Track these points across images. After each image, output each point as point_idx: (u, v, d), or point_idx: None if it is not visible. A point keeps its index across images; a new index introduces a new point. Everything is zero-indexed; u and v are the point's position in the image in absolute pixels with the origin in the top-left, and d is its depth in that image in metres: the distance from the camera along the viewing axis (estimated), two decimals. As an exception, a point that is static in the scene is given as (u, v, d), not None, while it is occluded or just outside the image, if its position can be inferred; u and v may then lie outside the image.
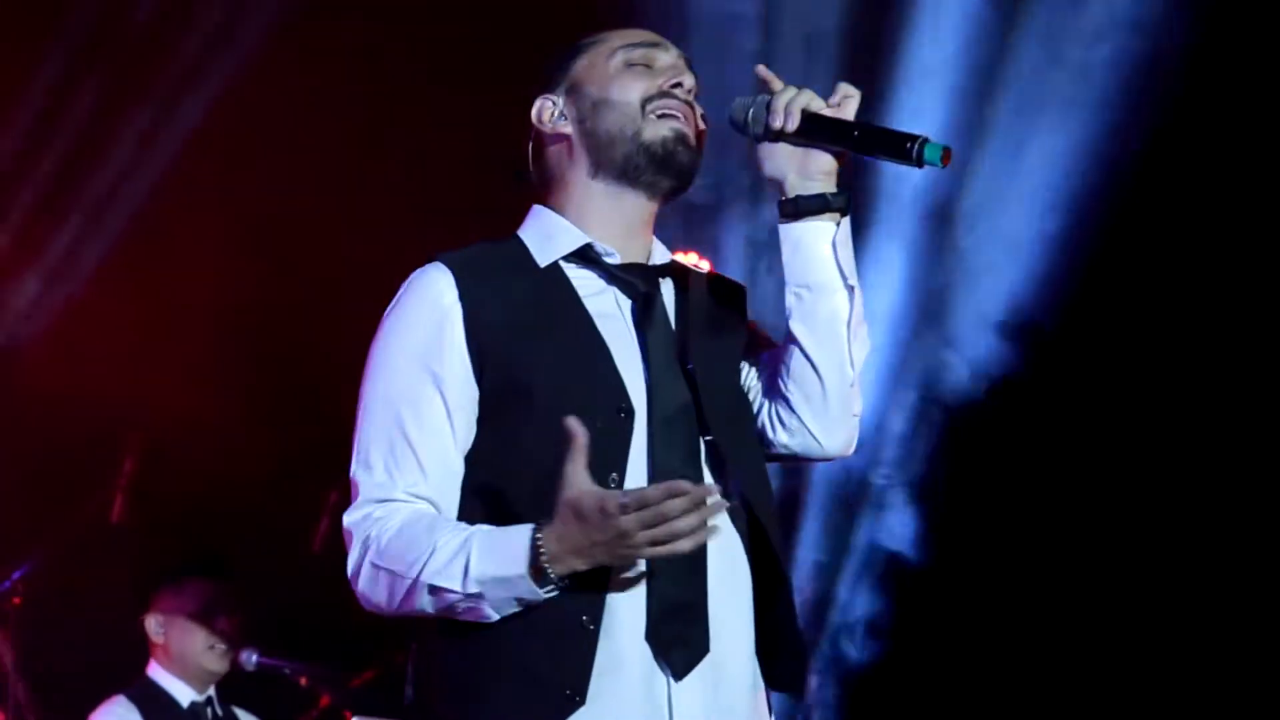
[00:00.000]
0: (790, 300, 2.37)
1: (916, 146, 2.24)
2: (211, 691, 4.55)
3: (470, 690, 2.25)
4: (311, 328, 5.55)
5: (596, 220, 2.40)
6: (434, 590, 2.20)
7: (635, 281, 2.38)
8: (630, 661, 2.24)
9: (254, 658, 4.53)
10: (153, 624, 4.53)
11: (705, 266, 5.65)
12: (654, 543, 2.11)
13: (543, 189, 2.45)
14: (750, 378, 2.46)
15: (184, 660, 4.51)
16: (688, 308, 2.41)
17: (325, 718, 4.68)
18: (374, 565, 2.25)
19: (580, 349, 2.32)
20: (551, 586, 2.16)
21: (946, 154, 2.24)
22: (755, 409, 2.45)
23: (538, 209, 2.44)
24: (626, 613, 2.24)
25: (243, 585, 4.67)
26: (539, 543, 2.15)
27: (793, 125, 2.32)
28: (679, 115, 2.37)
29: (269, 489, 5.52)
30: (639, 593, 2.25)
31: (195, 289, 5.62)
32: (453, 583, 2.19)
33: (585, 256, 2.38)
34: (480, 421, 2.32)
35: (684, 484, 2.10)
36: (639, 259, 2.41)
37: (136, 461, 5.19)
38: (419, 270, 2.37)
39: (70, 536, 5.27)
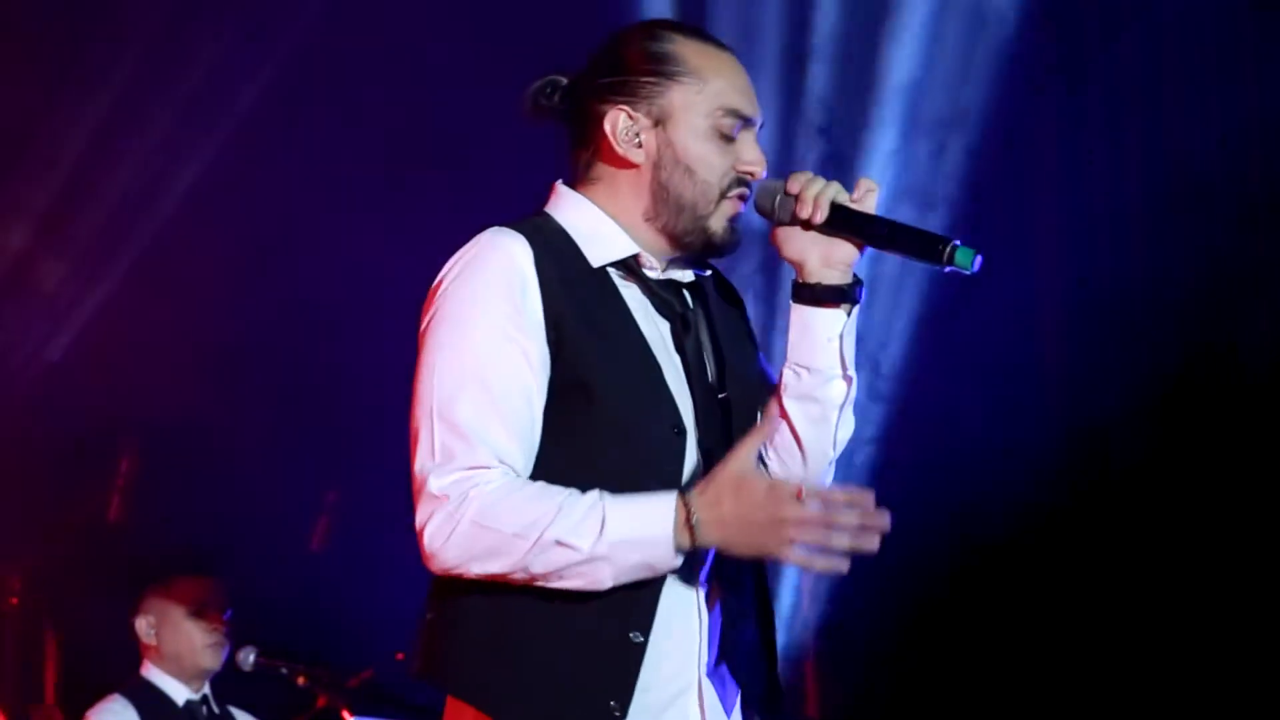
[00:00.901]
0: (788, 376, 2.38)
1: (948, 250, 2.26)
2: (207, 690, 4.54)
3: (508, 681, 2.24)
4: (313, 331, 5.56)
5: (638, 238, 2.39)
6: (560, 545, 2.16)
7: (673, 301, 2.38)
8: (670, 686, 2.27)
9: (251, 657, 4.52)
10: (143, 625, 4.52)
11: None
12: (807, 541, 2.13)
13: (586, 181, 2.39)
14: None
15: (179, 659, 4.50)
16: (715, 329, 2.42)
17: (322, 717, 4.68)
18: (476, 524, 2.18)
19: (639, 362, 2.31)
20: (683, 555, 2.17)
21: (977, 259, 2.25)
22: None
23: (574, 196, 2.39)
24: (673, 640, 2.26)
25: (232, 582, 4.67)
26: (689, 506, 2.15)
27: (821, 218, 2.33)
28: (743, 204, 2.37)
29: (268, 488, 5.52)
30: (684, 621, 2.27)
31: (202, 291, 5.63)
32: (583, 540, 2.16)
33: (627, 265, 2.38)
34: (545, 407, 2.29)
35: (866, 497, 2.15)
36: (670, 273, 2.42)
37: (134, 461, 5.19)
38: (491, 233, 2.31)
39: (68, 536, 5.27)
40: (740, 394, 2.38)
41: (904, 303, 5.44)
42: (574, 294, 2.29)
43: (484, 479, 2.21)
